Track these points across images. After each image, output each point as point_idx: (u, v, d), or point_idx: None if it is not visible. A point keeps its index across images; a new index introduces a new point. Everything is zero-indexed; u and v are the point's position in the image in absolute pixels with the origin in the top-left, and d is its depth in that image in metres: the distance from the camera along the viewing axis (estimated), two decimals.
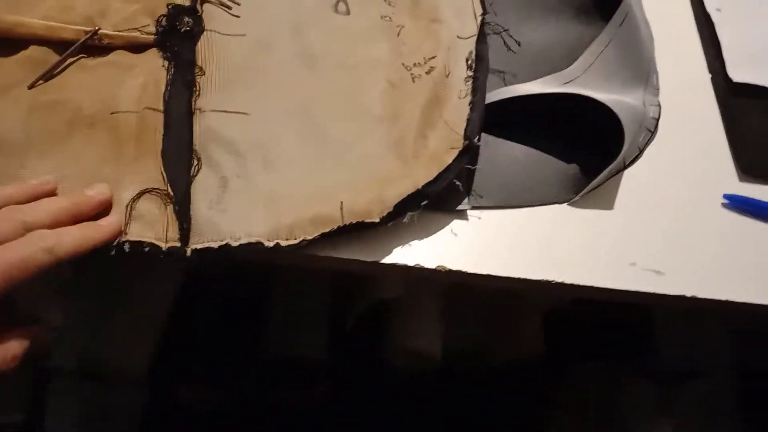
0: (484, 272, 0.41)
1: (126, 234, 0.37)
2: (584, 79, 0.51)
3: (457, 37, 0.50)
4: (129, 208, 0.38)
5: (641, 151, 0.45)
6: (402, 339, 0.77)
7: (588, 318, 0.79)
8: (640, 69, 0.49)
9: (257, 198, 0.41)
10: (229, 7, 0.50)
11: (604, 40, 0.52)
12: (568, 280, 0.42)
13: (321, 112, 0.46)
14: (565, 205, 0.46)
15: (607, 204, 0.46)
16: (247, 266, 0.40)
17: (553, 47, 0.54)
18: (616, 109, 0.45)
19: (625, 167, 0.45)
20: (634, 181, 0.48)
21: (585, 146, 0.48)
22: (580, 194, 0.46)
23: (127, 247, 0.38)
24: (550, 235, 0.44)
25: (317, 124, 0.45)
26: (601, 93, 0.48)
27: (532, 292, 0.43)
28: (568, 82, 0.50)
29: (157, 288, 0.69)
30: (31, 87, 0.43)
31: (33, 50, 0.45)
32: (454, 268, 0.41)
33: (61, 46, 0.45)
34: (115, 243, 0.37)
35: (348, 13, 0.52)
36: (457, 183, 0.42)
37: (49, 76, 0.44)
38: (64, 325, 0.68)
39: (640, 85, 0.49)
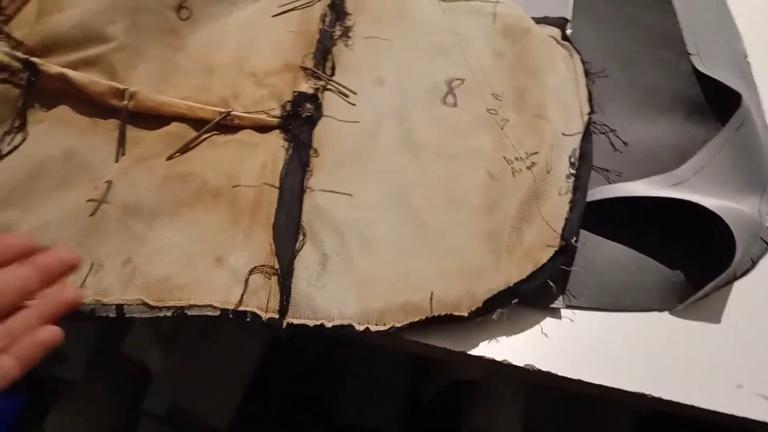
0: (575, 377, 0.40)
1: (241, 305, 0.40)
2: (694, 182, 0.49)
3: (562, 134, 0.50)
4: (246, 281, 0.41)
5: (755, 264, 0.42)
6: (480, 423, 0.74)
7: (685, 425, 0.72)
8: (757, 176, 0.47)
9: (352, 278, 0.43)
10: (347, 96, 0.54)
11: (719, 144, 0.51)
12: (666, 397, 0.39)
13: (419, 199, 0.48)
14: (666, 313, 0.44)
15: (714, 317, 0.43)
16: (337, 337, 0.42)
17: (662, 147, 0.54)
18: (726, 218, 0.44)
19: (736, 279, 0.43)
20: (746, 295, 0.45)
21: (692, 252, 0.46)
22: (684, 303, 0.43)
23: (231, 314, 0.40)
24: (648, 344, 0.42)
25: (414, 210, 0.47)
26: (711, 198, 0.46)
27: (625, 401, 0.41)
28: (676, 184, 0.49)
29: (246, 346, 0.73)
30: (168, 159, 0.48)
31: (174, 126, 0.51)
32: (544, 368, 0.40)
33: (197, 123, 0.51)
34: (220, 312, 0.40)
35: (455, 105, 0.54)
36: (551, 284, 0.42)
37: (185, 150, 0.49)
38: (160, 371, 0.72)
39: (756, 193, 0.47)
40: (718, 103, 0.56)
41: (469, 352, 0.41)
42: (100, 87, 0.50)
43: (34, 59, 0.49)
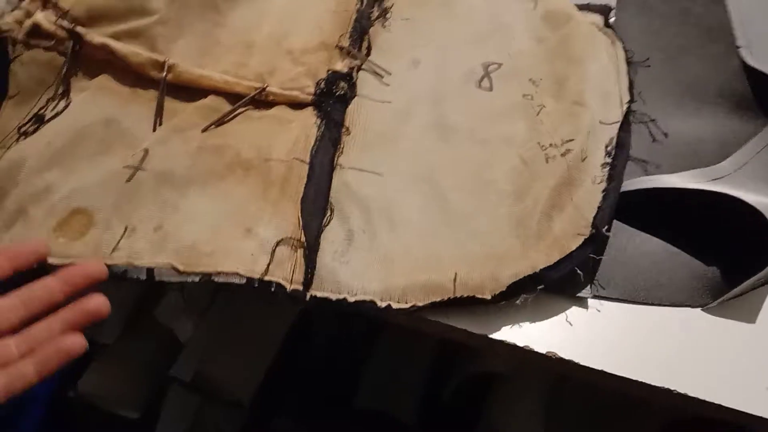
0: (598, 367, 0.39)
1: (267, 275, 0.41)
2: (735, 178, 0.47)
3: (600, 122, 0.49)
4: (272, 252, 0.42)
5: None
6: (500, 421, 0.74)
7: None
8: None
9: (376, 255, 0.43)
10: (381, 76, 0.54)
11: (765, 139, 0.49)
12: (692, 393, 0.38)
13: (447, 181, 0.47)
14: (698, 309, 0.42)
15: (748, 316, 0.42)
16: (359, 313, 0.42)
17: (704, 141, 0.52)
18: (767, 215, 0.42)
19: None
20: None
21: (729, 249, 0.45)
22: (717, 300, 0.42)
23: (256, 284, 0.41)
24: (677, 340, 0.41)
25: (442, 192, 0.47)
26: (753, 195, 0.45)
27: (649, 398, 0.40)
28: (717, 179, 0.47)
29: (273, 320, 0.74)
30: (204, 131, 0.49)
31: (211, 99, 0.51)
32: (566, 356, 0.40)
33: (233, 97, 0.52)
34: (246, 280, 0.41)
35: (491, 89, 0.54)
36: (579, 272, 0.41)
37: (220, 122, 0.50)
38: (191, 339, 0.74)
39: None
40: (765, 98, 0.54)
41: (491, 336, 0.40)
42: (141, 58, 0.51)
43: (78, 29, 0.51)
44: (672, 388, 0.38)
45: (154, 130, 0.50)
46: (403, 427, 0.73)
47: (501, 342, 0.40)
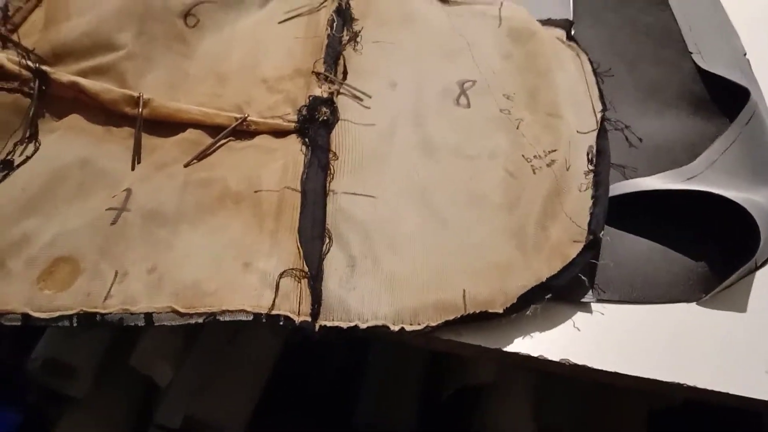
0: (611, 369, 0.40)
1: (273, 309, 0.40)
2: (707, 176, 0.50)
3: (577, 131, 0.51)
4: (277, 285, 0.41)
5: None
6: (492, 423, 0.74)
7: (697, 420, 0.73)
8: None
9: (382, 279, 0.43)
10: (361, 99, 0.54)
11: (730, 138, 0.52)
12: (701, 385, 0.40)
13: (440, 198, 0.48)
14: (693, 304, 0.44)
15: (740, 306, 0.44)
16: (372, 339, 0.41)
17: (674, 142, 0.55)
18: (748, 206, 0.44)
19: (757, 268, 0.44)
20: None
21: (713, 244, 0.47)
22: (709, 294, 0.44)
23: (264, 319, 0.40)
24: (678, 334, 0.43)
25: (436, 210, 0.47)
26: (725, 190, 0.47)
27: (654, 391, 0.41)
28: (690, 178, 0.50)
29: (258, 353, 0.71)
30: (186, 165, 0.48)
31: (189, 133, 0.50)
32: (579, 362, 0.40)
33: (213, 129, 0.51)
34: (253, 316, 0.40)
35: (468, 106, 0.55)
36: (583, 278, 0.42)
37: (202, 156, 0.48)
38: (170, 383, 0.71)
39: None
40: (721, 99, 0.58)
41: (505, 349, 0.41)
42: (114, 94, 0.49)
43: (44, 68, 0.48)
44: (683, 383, 0.40)
45: (133, 168, 0.48)
46: None
47: (515, 354, 0.40)
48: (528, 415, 0.73)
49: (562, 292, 0.42)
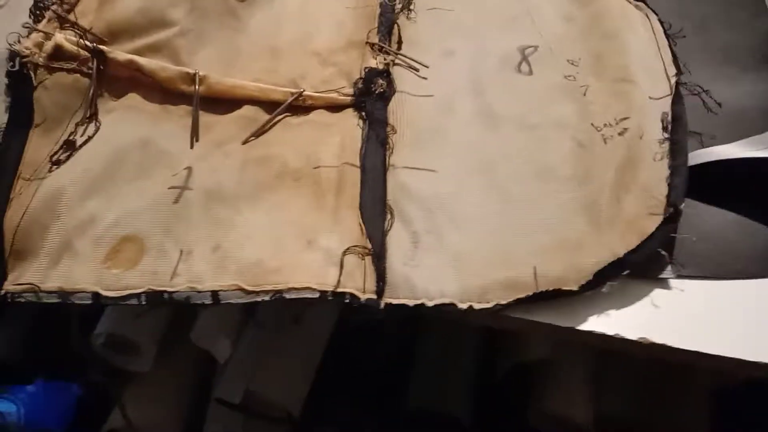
0: (692, 348, 0.38)
1: (339, 286, 0.39)
2: None
3: (650, 97, 0.48)
4: (342, 262, 0.40)
5: None
6: (548, 404, 0.73)
7: (761, 400, 0.70)
8: None
9: (447, 256, 0.42)
10: (417, 70, 0.52)
11: None
12: None
13: (504, 172, 0.46)
14: None
15: None
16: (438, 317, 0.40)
17: (751, 108, 0.51)
18: None
19: None
20: None
21: None
22: None
23: (330, 296, 0.39)
24: (762, 311, 0.40)
25: (500, 184, 0.45)
26: None
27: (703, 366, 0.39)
28: None
29: (313, 333, 0.72)
30: (244, 143, 0.47)
31: (246, 109, 0.49)
32: (658, 341, 0.38)
33: (269, 105, 0.50)
34: (319, 294, 0.39)
35: (530, 73, 0.52)
36: (663, 253, 0.40)
37: (260, 133, 0.48)
38: (229, 359, 0.72)
39: None
40: None
41: (578, 328, 0.39)
42: (170, 72, 0.49)
43: (101, 47, 0.48)
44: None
45: (192, 146, 0.47)
46: (457, 424, 0.72)
47: (590, 333, 0.39)
48: (586, 396, 0.71)
49: (640, 267, 0.40)
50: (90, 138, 0.47)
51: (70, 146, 0.46)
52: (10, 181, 0.45)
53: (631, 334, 0.39)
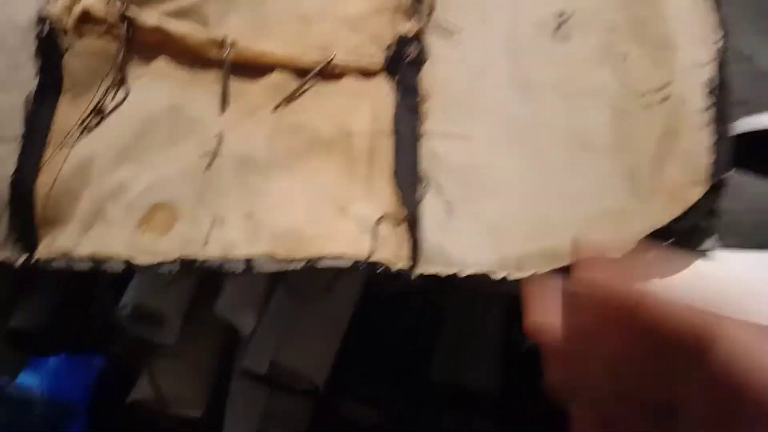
0: None
1: (373, 255, 0.38)
2: None
3: (692, 63, 0.46)
4: (375, 230, 0.39)
5: None
6: None
7: None
8: None
9: (481, 225, 0.41)
10: (451, 35, 0.51)
11: None
12: None
13: (540, 140, 0.45)
14: None
15: None
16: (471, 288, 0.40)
17: None
18: None
19: None
20: None
21: None
22: None
23: (362, 265, 0.39)
24: None
25: (537, 151, 0.44)
26: None
27: None
28: None
29: (340, 302, 0.71)
30: (275, 110, 0.46)
31: (276, 76, 0.48)
32: None
33: (299, 72, 0.49)
34: (352, 262, 0.39)
35: (567, 39, 0.50)
36: (706, 223, 0.38)
37: (290, 100, 0.47)
38: (255, 330, 0.72)
39: None
40: None
41: None
42: (199, 38, 0.48)
43: (130, 11, 0.47)
44: None
45: (222, 113, 0.47)
46: (481, 395, 0.71)
47: None
48: None
49: (683, 237, 0.38)
50: (119, 104, 0.46)
51: (99, 113, 0.46)
52: (40, 147, 0.45)
53: None
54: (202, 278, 0.69)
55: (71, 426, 1.04)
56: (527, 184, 0.42)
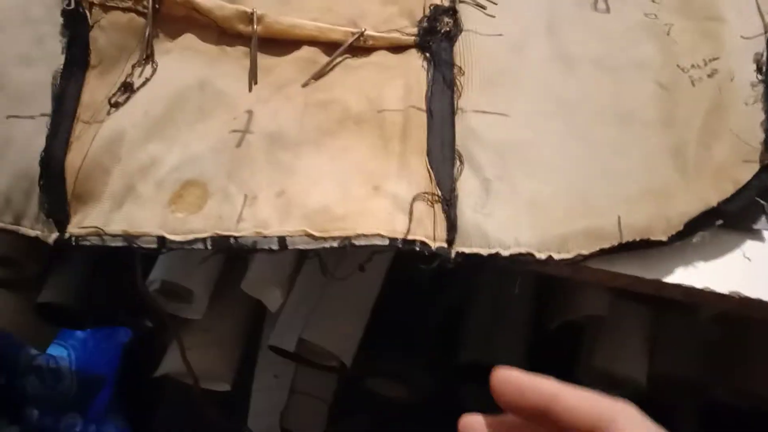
0: None
1: (409, 233, 0.37)
2: None
3: (741, 36, 0.44)
4: (411, 208, 0.38)
5: None
6: (603, 361, 0.71)
7: None
8: None
9: (520, 204, 0.40)
10: (485, 7, 0.49)
11: None
12: None
13: (581, 116, 0.43)
14: None
15: None
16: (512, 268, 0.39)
17: None
18: None
19: None
20: None
21: None
22: None
23: (400, 244, 0.38)
24: None
25: (579, 128, 0.43)
26: None
27: None
28: None
29: (368, 281, 0.71)
30: (304, 85, 0.45)
31: (305, 51, 0.47)
32: (751, 295, 0.36)
33: (328, 46, 0.47)
34: (388, 241, 0.38)
35: (608, 10, 0.48)
36: (762, 202, 0.37)
37: (320, 75, 0.46)
38: (282, 307, 0.72)
39: None
40: None
41: (664, 280, 0.37)
42: (227, 11, 0.47)
43: None
44: None
45: (250, 89, 0.46)
46: None
47: (676, 285, 0.36)
48: (640, 355, 0.69)
49: (734, 218, 0.37)
50: (148, 80, 0.46)
51: (127, 88, 0.45)
52: (70, 123, 0.44)
53: (722, 288, 0.36)
54: (230, 255, 0.69)
55: (100, 395, 1.07)
56: (569, 162, 0.41)
